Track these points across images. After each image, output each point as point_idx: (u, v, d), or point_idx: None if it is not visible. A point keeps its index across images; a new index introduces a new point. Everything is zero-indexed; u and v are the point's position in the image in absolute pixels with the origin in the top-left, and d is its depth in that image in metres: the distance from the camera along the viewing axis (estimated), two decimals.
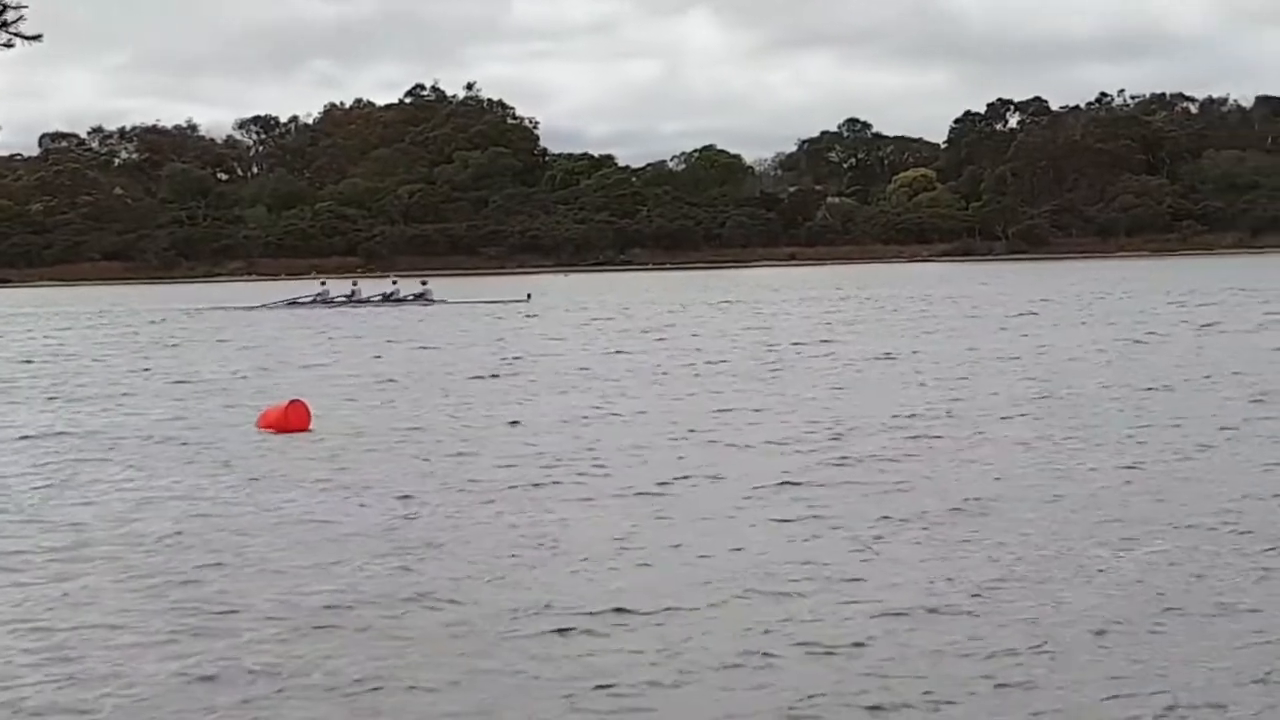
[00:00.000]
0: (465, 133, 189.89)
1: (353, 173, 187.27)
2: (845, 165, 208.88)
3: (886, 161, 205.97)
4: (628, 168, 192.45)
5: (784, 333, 46.27)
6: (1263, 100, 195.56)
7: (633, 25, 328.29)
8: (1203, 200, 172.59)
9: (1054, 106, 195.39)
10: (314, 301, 73.64)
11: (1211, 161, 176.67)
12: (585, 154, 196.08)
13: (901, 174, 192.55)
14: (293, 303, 73.65)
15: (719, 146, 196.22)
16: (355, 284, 77.09)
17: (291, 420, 22.60)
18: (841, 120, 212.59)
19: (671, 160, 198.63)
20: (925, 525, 14.03)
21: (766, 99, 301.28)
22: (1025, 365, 31.72)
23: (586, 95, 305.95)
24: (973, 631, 10.35)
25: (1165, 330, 42.29)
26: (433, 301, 72.83)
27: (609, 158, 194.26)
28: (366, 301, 73.42)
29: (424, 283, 76.26)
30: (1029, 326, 46.37)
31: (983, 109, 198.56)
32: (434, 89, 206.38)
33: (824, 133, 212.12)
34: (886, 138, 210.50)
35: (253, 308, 72.76)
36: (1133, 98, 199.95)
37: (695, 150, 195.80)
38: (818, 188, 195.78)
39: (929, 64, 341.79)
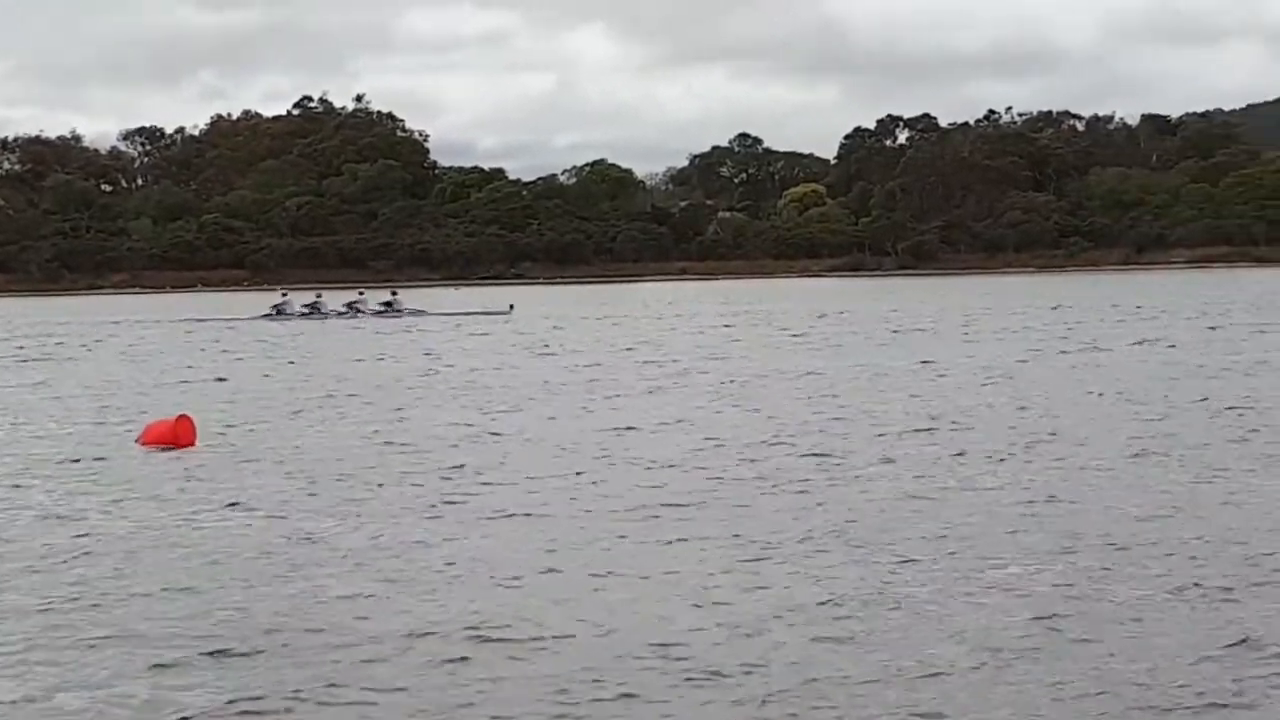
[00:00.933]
0: (354, 145, 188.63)
1: (239, 185, 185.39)
2: (736, 180, 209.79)
3: (777, 177, 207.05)
4: (518, 181, 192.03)
5: (674, 348, 46.05)
6: (1148, 118, 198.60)
7: (524, 38, 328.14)
8: (1089, 217, 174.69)
9: (943, 123, 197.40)
10: (275, 314, 72.30)
11: (1098, 178, 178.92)
12: (476, 167, 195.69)
13: (792, 189, 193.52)
14: (270, 314, 72.31)
15: (610, 160, 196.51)
16: (319, 295, 75.67)
17: (178, 436, 22.00)
18: (733, 135, 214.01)
19: (563, 174, 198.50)
20: (807, 546, 13.76)
21: (658, 113, 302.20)
22: (913, 382, 31.63)
23: (477, 108, 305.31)
24: (852, 652, 10.11)
25: (1056, 348, 42.45)
26: (402, 313, 71.25)
27: (499, 171, 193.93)
28: (328, 314, 71.79)
29: (394, 293, 75.18)
30: (918, 341, 46.45)
31: (873, 125, 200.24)
32: (322, 101, 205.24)
33: (715, 147, 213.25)
34: (777, 153, 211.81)
35: (232, 320, 71.32)
36: (1020, 115, 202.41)
37: (586, 164, 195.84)
38: (709, 202, 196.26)
39: (820, 79, 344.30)
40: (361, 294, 74.75)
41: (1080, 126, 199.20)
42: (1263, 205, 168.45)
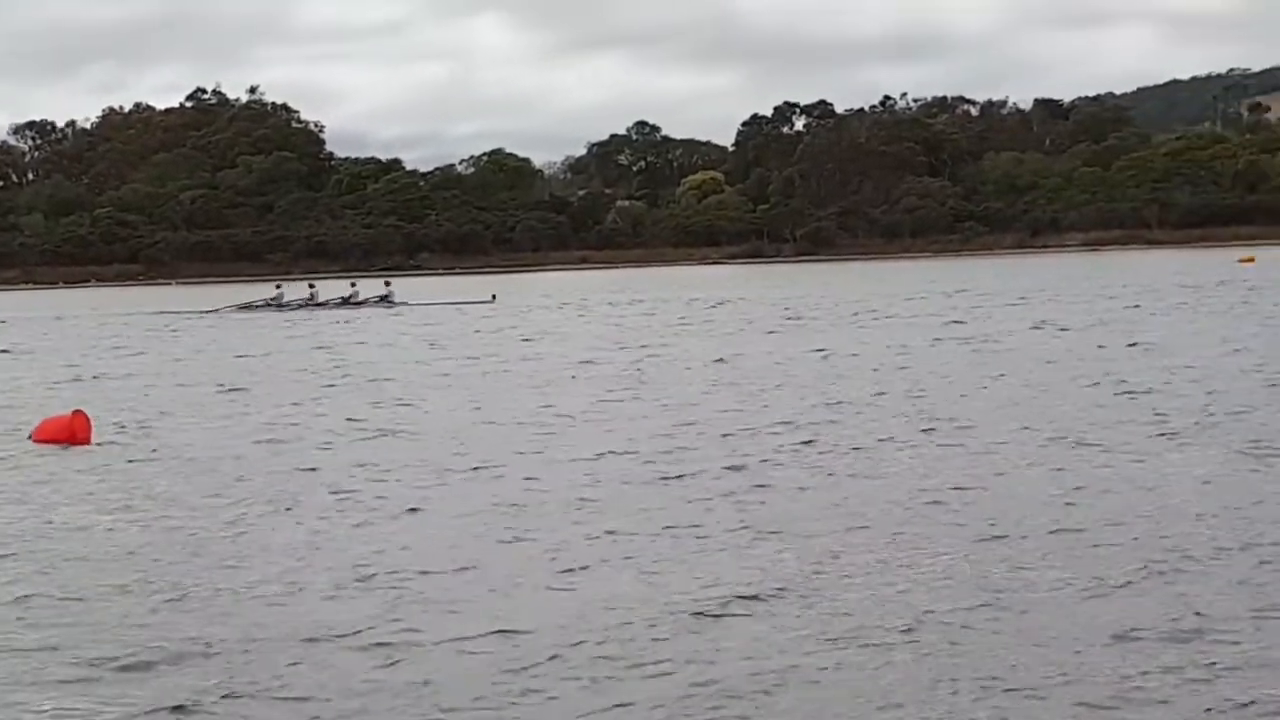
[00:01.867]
0: (248, 137, 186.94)
1: (133, 178, 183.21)
2: (635, 168, 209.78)
3: (676, 164, 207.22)
4: (415, 171, 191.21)
5: (577, 338, 45.87)
6: (1041, 103, 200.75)
7: (422, 27, 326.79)
8: (984, 202, 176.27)
9: (839, 109, 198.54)
10: (266, 305, 71.64)
11: (992, 163, 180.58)
12: (372, 158, 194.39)
13: (691, 177, 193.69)
14: (245, 306, 71.84)
15: (509, 149, 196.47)
16: (313, 286, 74.94)
17: (73, 432, 21.52)
18: (631, 123, 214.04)
19: (460, 164, 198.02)
20: (712, 539, 13.64)
21: (557, 101, 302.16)
22: (819, 368, 31.63)
23: (375, 98, 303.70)
24: (744, 646, 10.00)
25: (957, 333, 42.65)
26: (395, 304, 70.68)
27: (396, 162, 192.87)
28: (325, 305, 71.23)
29: (387, 284, 74.56)
30: (824, 328, 46.54)
31: (770, 112, 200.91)
32: (215, 93, 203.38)
33: (613, 135, 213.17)
34: (675, 140, 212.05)
35: (205, 313, 70.23)
36: (915, 100, 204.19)
37: (484, 154, 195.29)
38: (607, 191, 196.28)
39: (717, 66, 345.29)
40: (354, 285, 74.29)
41: (974, 111, 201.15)
42: (1154, 188, 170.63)
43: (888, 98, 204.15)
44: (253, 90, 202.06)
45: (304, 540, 14.08)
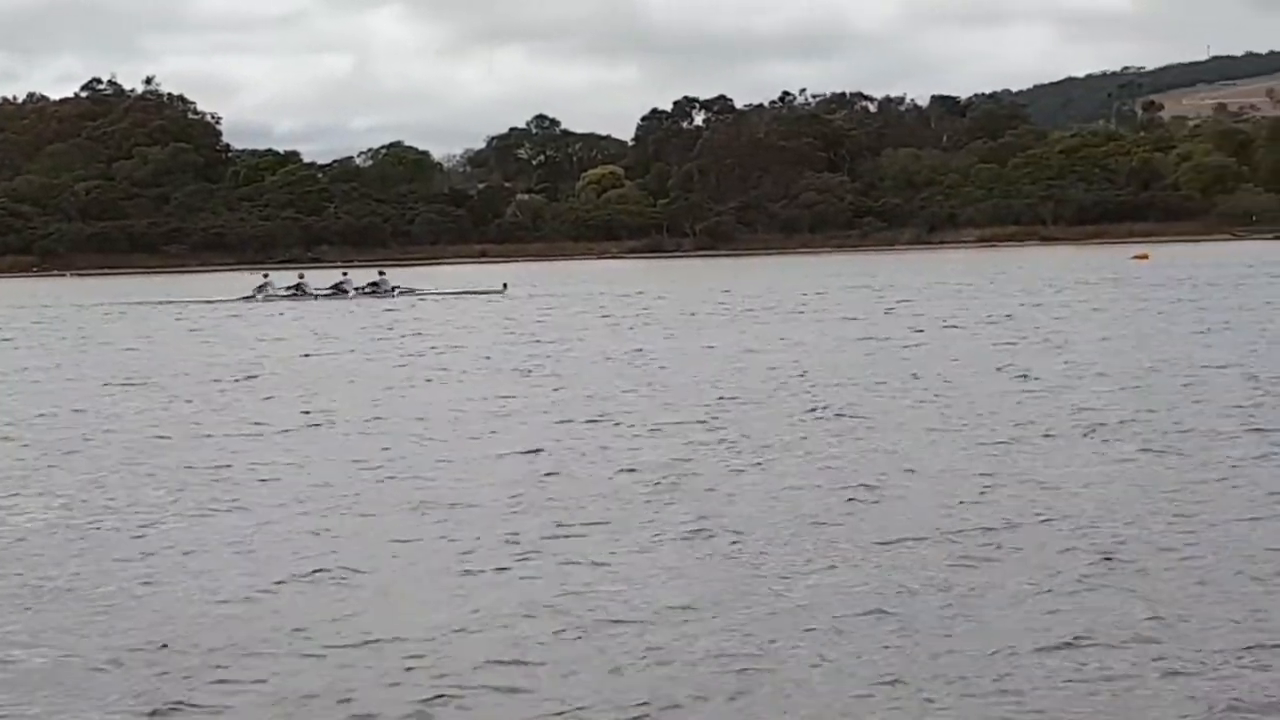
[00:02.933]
0: (144, 128, 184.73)
1: (27, 169, 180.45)
2: (534, 162, 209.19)
3: (575, 158, 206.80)
4: (313, 164, 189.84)
5: (483, 332, 45.68)
6: (938, 99, 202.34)
7: (322, 18, 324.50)
8: (882, 197, 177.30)
9: (739, 104, 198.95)
10: (253, 296, 70.16)
11: (890, 159, 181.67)
12: (270, 150, 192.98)
13: (590, 171, 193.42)
14: (251, 296, 70.20)
15: (409, 143, 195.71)
16: (301, 276, 73.69)
17: None
18: (531, 116, 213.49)
19: (359, 157, 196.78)
20: (621, 538, 13.61)
21: (457, 94, 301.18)
22: (733, 362, 31.68)
23: (273, 90, 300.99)
24: (663, 643, 9.98)
25: (862, 329, 42.86)
26: (390, 293, 69.37)
27: (295, 154, 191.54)
28: (313, 295, 69.74)
29: (381, 273, 73.39)
30: (740, 322, 46.63)
31: (669, 106, 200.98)
32: (111, 83, 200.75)
33: (513, 129, 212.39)
34: (575, 134, 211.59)
35: (211, 301, 69.37)
36: (814, 96, 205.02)
37: (383, 146, 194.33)
38: (507, 185, 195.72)
39: (618, 60, 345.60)
40: (345, 274, 73.01)
41: (873, 108, 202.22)
42: (1049, 185, 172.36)
43: (787, 93, 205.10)
44: (149, 81, 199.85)
45: (196, 540, 13.92)
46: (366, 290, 69.99)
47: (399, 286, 70.93)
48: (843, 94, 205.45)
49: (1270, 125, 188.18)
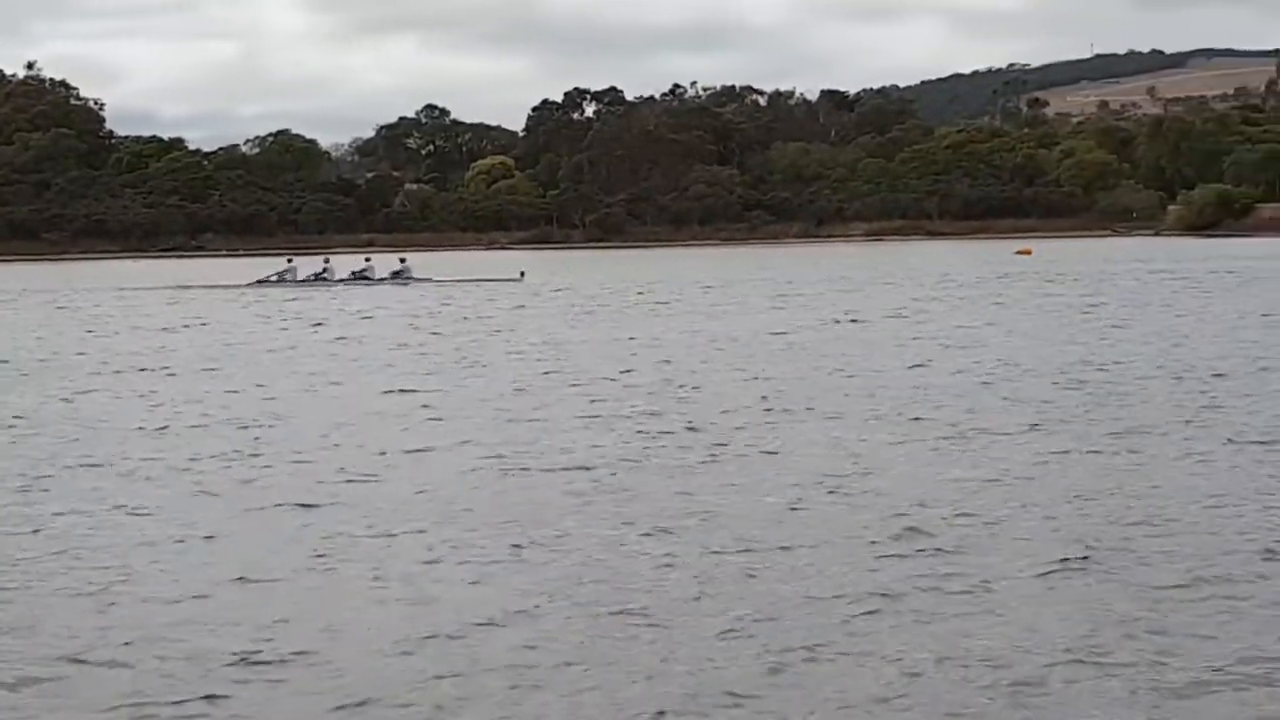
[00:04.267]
0: (25, 114, 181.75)
1: None
2: (424, 152, 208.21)
3: (465, 148, 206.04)
4: (199, 151, 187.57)
5: (377, 324, 45.32)
6: (827, 94, 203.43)
7: (210, 5, 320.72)
8: (771, 190, 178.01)
9: (630, 96, 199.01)
10: (278, 280, 69.00)
11: (779, 153, 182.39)
12: (154, 137, 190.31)
13: (480, 161, 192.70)
14: (261, 282, 68.81)
15: (297, 131, 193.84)
16: (327, 261, 72.39)
17: None
18: (421, 106, 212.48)
19: (246, 144, 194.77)
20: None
21: (347, 83, 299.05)
22: (649, 353, 31.59)
23: (159, 76, 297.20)
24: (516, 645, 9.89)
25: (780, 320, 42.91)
26: (411, 280, 68.60)
27: (179, 141, 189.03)
28: (338, 281, 68.65)
29: (402, 259, 72.44)
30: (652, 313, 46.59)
31: (560, 98, 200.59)
32: None
33: (402, 118, 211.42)
34: (465, 124, 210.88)
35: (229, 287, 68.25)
36: (704, 89, 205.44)
37: (270, 134, 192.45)
38: (395, 174, 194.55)
39: (511, 51, 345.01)
40: (368, 260, 71.99)
41: (763, 101, 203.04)
42: (935, 180, 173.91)
43: (677, 86, 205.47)
44: (30, 66, 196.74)
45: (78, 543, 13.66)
46: (390, 277, 69.48)
47: (408, 274, 70.06)
48: (733, 87, 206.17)
49: (1151, 123, 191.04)
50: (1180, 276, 62.31)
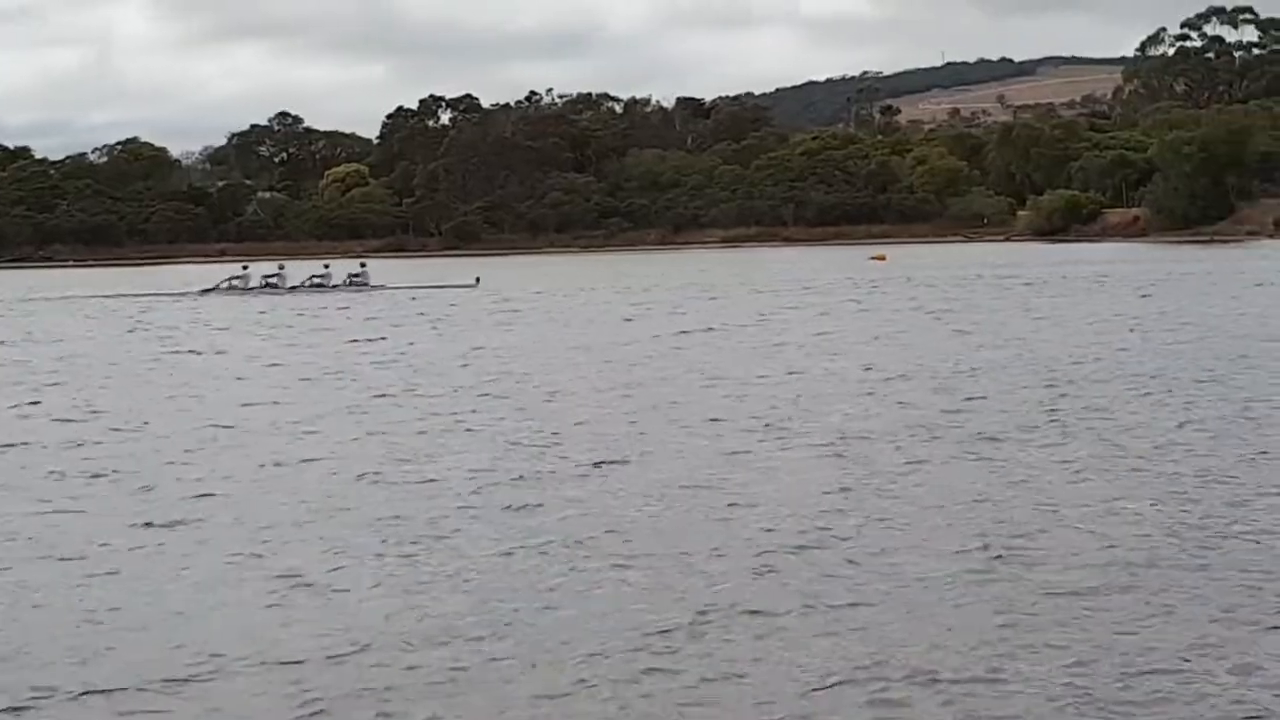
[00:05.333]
0: None
1: None
2: (276, 160, 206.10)
3: (319, 156, 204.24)
4: (45, 160, 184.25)
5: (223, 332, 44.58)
6: (683, 101, 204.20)
7: (57, 11, 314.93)
8: (628, 198, 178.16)
9: (485, 104, 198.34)
10: (229, 287, 67.73)
11: (635, 160, 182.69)
12: None
13: (334, 169, 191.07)
14: (206, 292, 67.49)
15: (147, 139, 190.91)
16: (281, 267, 71.03)
17: None
18: (274, 114, 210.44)
19: (94, 153, 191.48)
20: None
21: (198, 91, 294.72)
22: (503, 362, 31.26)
23: (5, 84, 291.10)
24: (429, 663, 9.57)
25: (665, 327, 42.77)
26: (367, 287, 67.33)
27: (25, 149, 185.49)
28: (293, 288, 67.50)
29: (362, 264, 71.38)
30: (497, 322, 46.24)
31: (415, 105, 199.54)
32: None
33: (254, 126, 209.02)
34: (318, 132, 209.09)
35: (174, 295, 66.98)
36: (560, 96, 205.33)
37: (119, 143, 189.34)
38: (248, 182, 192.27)
39: (365, 58, 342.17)
40: (327, 266, 70.76)
41: (619, 109, 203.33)
42: (791, 186, 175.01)
43: (534, 93, 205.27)
44: None
45: None
46: (348, 283, 68.67)
47: (366, 280, 69.21)
48: (589, 94, 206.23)
49: (1001, 130, 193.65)
50: (1032, 281, 63.01)
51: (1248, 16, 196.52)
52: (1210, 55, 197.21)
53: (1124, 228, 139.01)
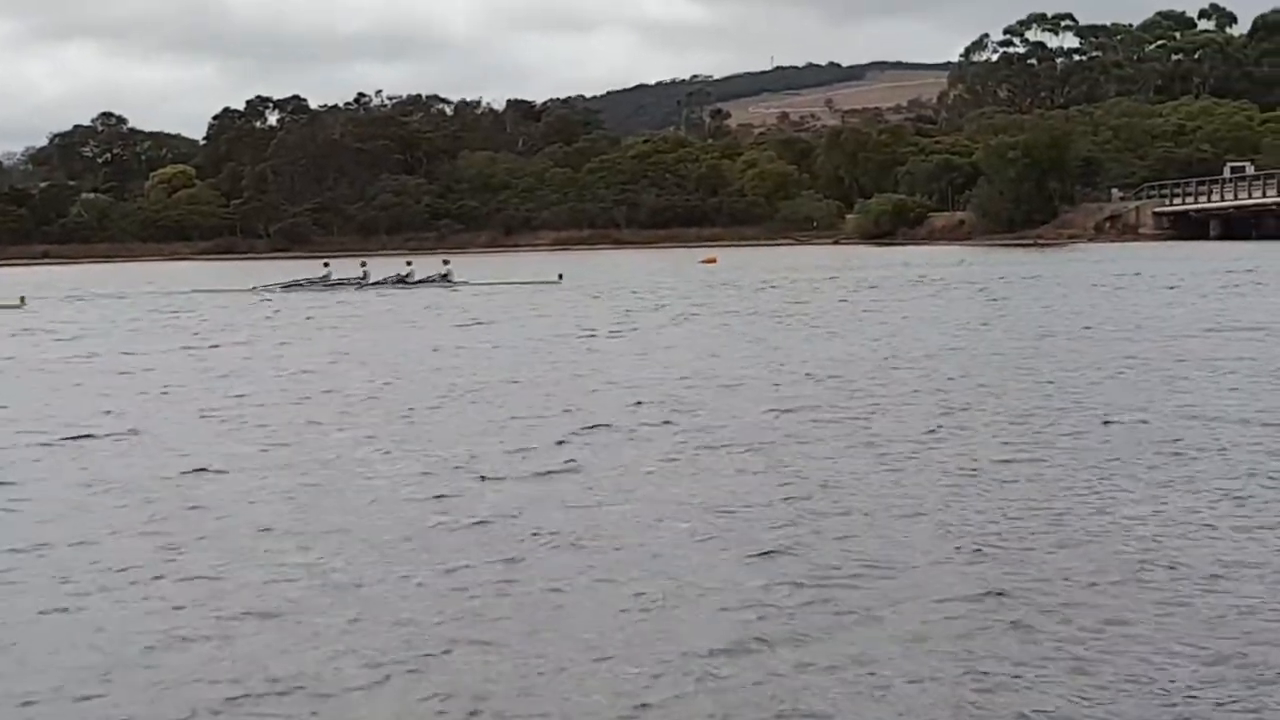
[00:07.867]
0: None
1: None
2: (100, 160, 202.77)
3: (144, 157, 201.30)
4: None
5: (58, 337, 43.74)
6: (514, 103, 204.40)
7: None
8: (459, 200, 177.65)
9: (314, 105, 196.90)
10: (314, 284, 67.06)
11: (467, 162, 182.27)
12: None
13: (160, 170, 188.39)
14: (291, 285, 66.84)
15: None
16: (364, 265, 69.60)
17: None
18: (97, 114, 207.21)
19: None
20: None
21: (22, 91, 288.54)
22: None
23: None
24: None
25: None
26: (454, 283, 66.48)
27: None
28: (379, 284, 66.50)
29: (446, 262, 70.33)
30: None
31: (242, 106, 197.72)
32: None
33: (77, 126, 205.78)
34: (143, 133, 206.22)
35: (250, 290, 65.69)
36: (390, 98, 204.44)
37: None
38: (71, 183, 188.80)
39: (195, 59, 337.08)
40: (410, 264, 69.52)
41: (449, 111, 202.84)
42: (622, 189, 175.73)
43: (363, 95, 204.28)
44: None
45: None
46: (434, 279, 67.99)
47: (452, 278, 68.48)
48: (419, 96, 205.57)
49: (829, 134, 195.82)
50: (868, 285, 63.60)
51: (1069, 23, 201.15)
52: (1033, 61, 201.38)
53: (950, 231, 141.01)
